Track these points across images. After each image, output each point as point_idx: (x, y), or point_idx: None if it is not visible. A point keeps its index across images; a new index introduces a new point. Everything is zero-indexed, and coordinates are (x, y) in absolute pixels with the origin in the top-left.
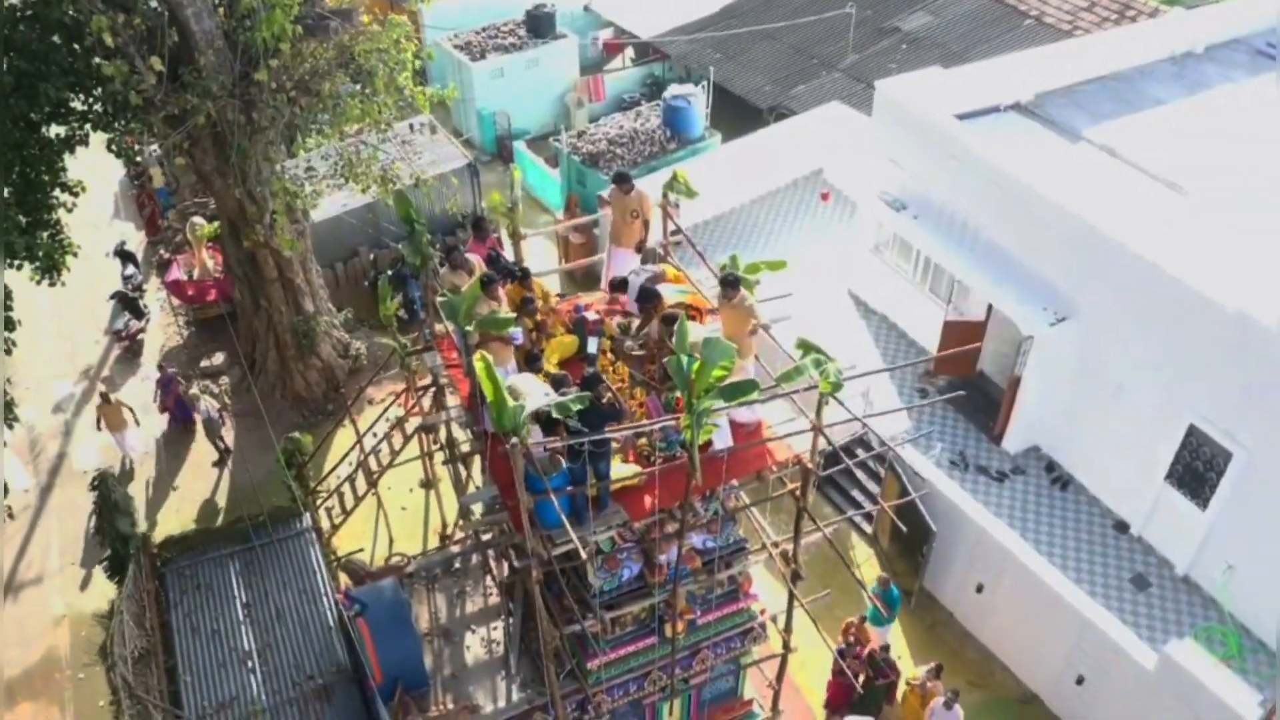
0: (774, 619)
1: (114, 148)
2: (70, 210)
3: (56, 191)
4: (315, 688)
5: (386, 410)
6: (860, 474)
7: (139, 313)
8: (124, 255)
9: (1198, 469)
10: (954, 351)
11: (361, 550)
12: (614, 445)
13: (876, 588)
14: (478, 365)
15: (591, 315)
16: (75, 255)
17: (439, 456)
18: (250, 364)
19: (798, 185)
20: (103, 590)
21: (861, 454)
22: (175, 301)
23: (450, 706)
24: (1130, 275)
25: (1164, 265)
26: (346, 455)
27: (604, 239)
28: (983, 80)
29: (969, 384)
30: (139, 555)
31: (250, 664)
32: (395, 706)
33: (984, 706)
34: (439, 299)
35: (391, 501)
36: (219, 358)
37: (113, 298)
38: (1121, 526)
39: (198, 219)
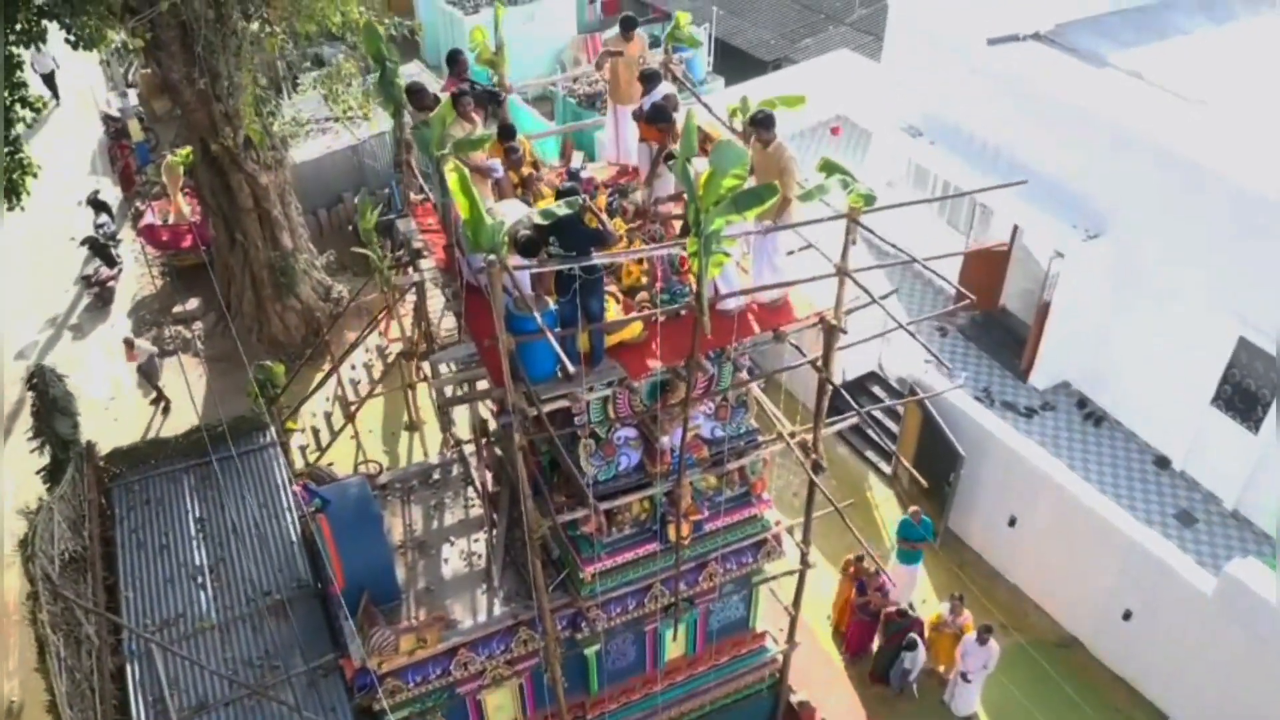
0: (790, 530)
1: (72, 36)
2: (30, 126)
3: (16, 107)
4: (272, 603)
5: (366, 333)
6: (877, 412)
7: (111, 260)
8: (97, 204)
9: (1248, 388)
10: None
11: (332, 465)
12: (606, 285)
13: (906, 520)
14: (451, 178)
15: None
16: (35, 176)
17: (424, 399)
18: (226, 306)
19: (805, 130)
20: None
21: (878, 391)
22: (150, 251)
23: (421, 619)
24: (1173, 179)
25: (1210, 162)
26: (323, 382)
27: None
28: (1001, 6)
29: (991, 319)
30: (81, 462)
31: (200, 579)
32: (360, 618)
33: (1018, 652)
34: (410, 129)
35: (373, 447)
36: (193, 303)
37: (83, 243)
38: (1162, 462)
39: (173, 159)
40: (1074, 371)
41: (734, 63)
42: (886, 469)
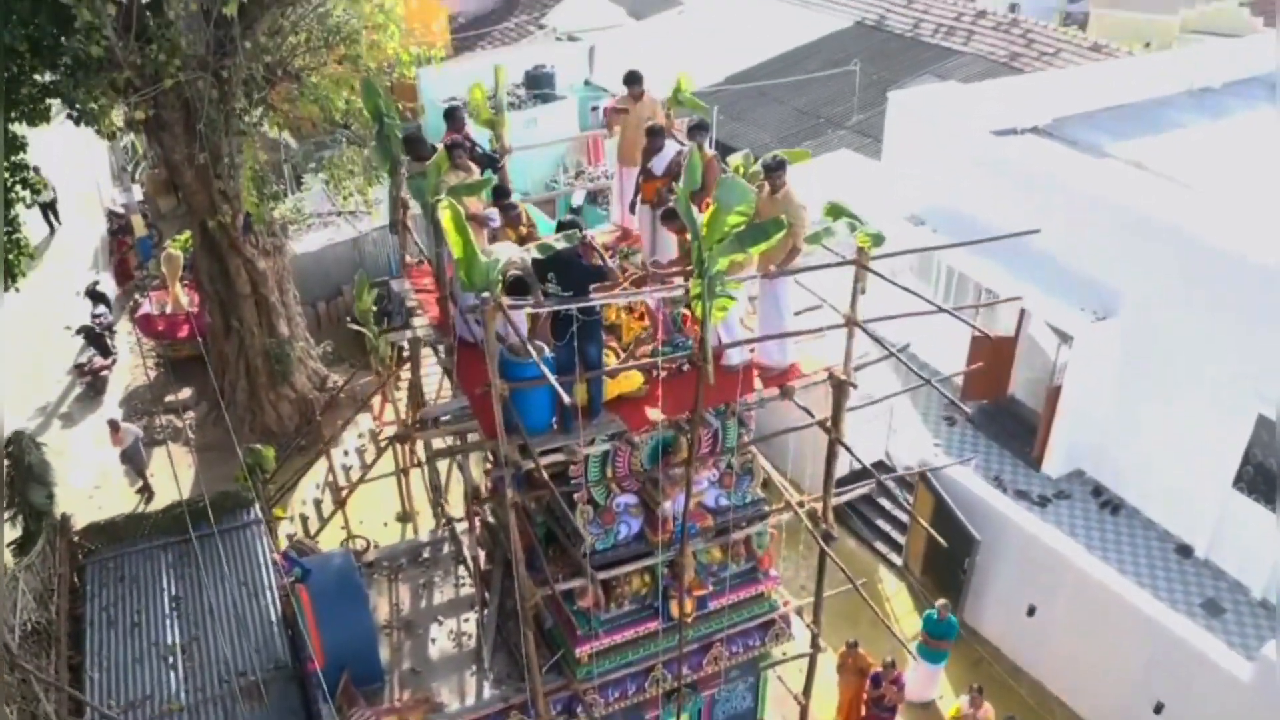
0: (799, 611)
1: (76, 110)
2: (29, 206)
3: (17, 188)
4: (246, 684)
5: (359, 409)
6: (886, 502)
7: (106, 350)
8: (95, 295)
9: (1271, 468)
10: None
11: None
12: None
13: (932, 614)
14: (445, 215)
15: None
16: (32, 257)
17: (417, 488)
18: (219, 394)
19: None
20: None
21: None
22: (145, 343)
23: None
24: (1182, 258)
25: (1221, 240)
26: (312, 464)
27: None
28: (998, 101)
29: (1000, 408)
30: (53, 534)
31: (171, 660)
32: (339, 699)
33: None
34: (407, 180)
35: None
36: (186, 393)
37: (78, 333)
38: (1185, 550)
39: (173, 250)
40: (1087, 459)
41: None
42: (897, 560)
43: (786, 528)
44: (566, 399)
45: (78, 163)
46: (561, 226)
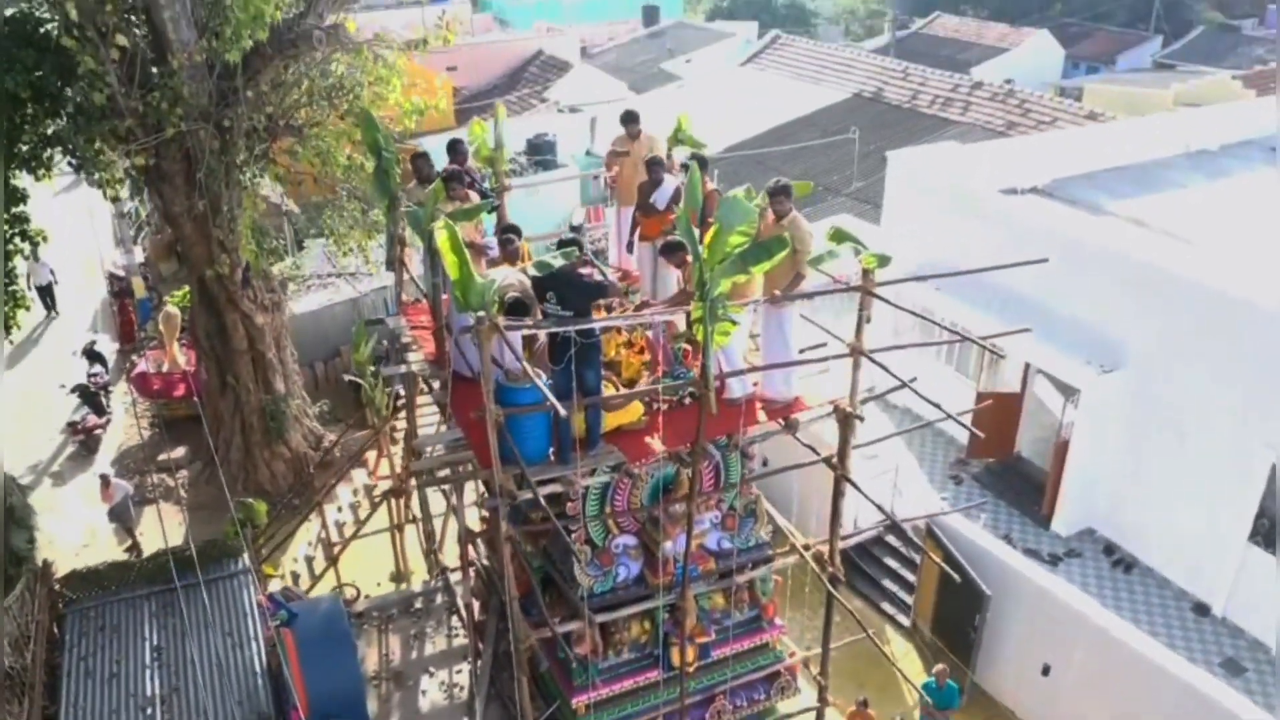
0: (805, 664)
1: (75, 158)
2: (27, 258)
3: (16, 240)
4: None
5: (353, 461)
6: (892, 561)
7: (100, 409)
8: (92, 355)
9: None
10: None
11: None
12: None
13: (931, 682)
14: (441, 236)
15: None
16: (27, 309)
17: (412, 546)
18: (214, 452)
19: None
20: None
21: (892, 540)
22: (140, 403)
23: None
24: (1189, 308)
25: (1227, 287)
26: (304, 522)
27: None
28: (997, 161)
29: (1008, 467)
30: (33, 580)
31: (150, 711)
32: None
33: None
34: (405, 211)
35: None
36: (179, 451)
37: (73, 391)
38: (1201, 608)
39: (171, 308)
40: (1098, 516)
41: None
42: (905, 621)
43: (792, 581)
44: (562, 411)
45: (80, 229)
46: (561, 244)
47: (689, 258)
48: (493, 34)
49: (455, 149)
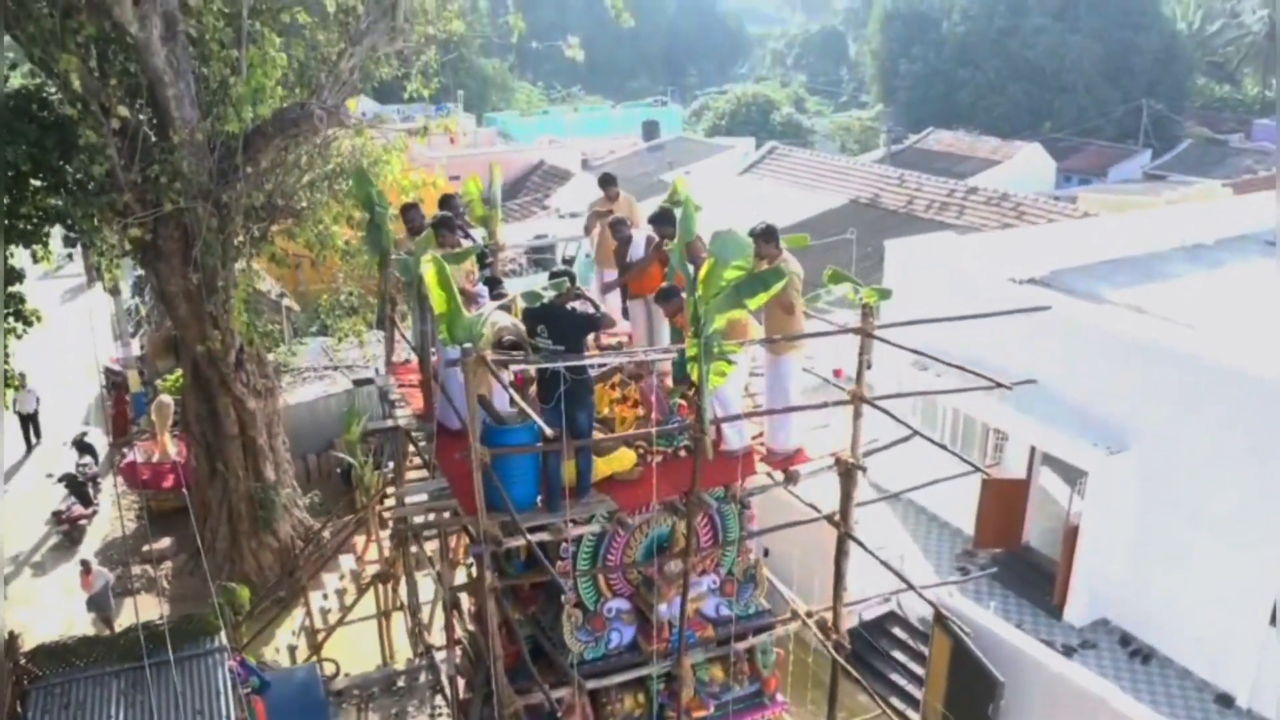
0: None
1: (74, 230)
2: (20, 338)
3: (9, 319)
4: None
5: (344, 540)
6: (900, 654)
7: (87, 500)
8: (82, 446)
9: None
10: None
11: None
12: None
13: None
14: (428, 270)
15: None
16: (17, 389)
17: (399, 636)
18: (199, 542)
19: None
20: None
21: (898, 632)
22: (128, 494)
23: None
24: (1195, 385)
25: (1230, 361)
26: (289, 610)
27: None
28: (996, 252)
29: (1016, 558)
30: None
31: None
32: None
33: None
34: (396, 259)
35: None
36: (165, 542)
37: (60, 480)
38: (1225, 700)
39: (164, 398)
40: (1112, 605)
41: None
42: (914, 716)
43: (794, 658)
44: (549, 430)
45: (78, 322)
46: (553, 275)
47: (684, 305)
48: (496, 146)
49: (448, 203)
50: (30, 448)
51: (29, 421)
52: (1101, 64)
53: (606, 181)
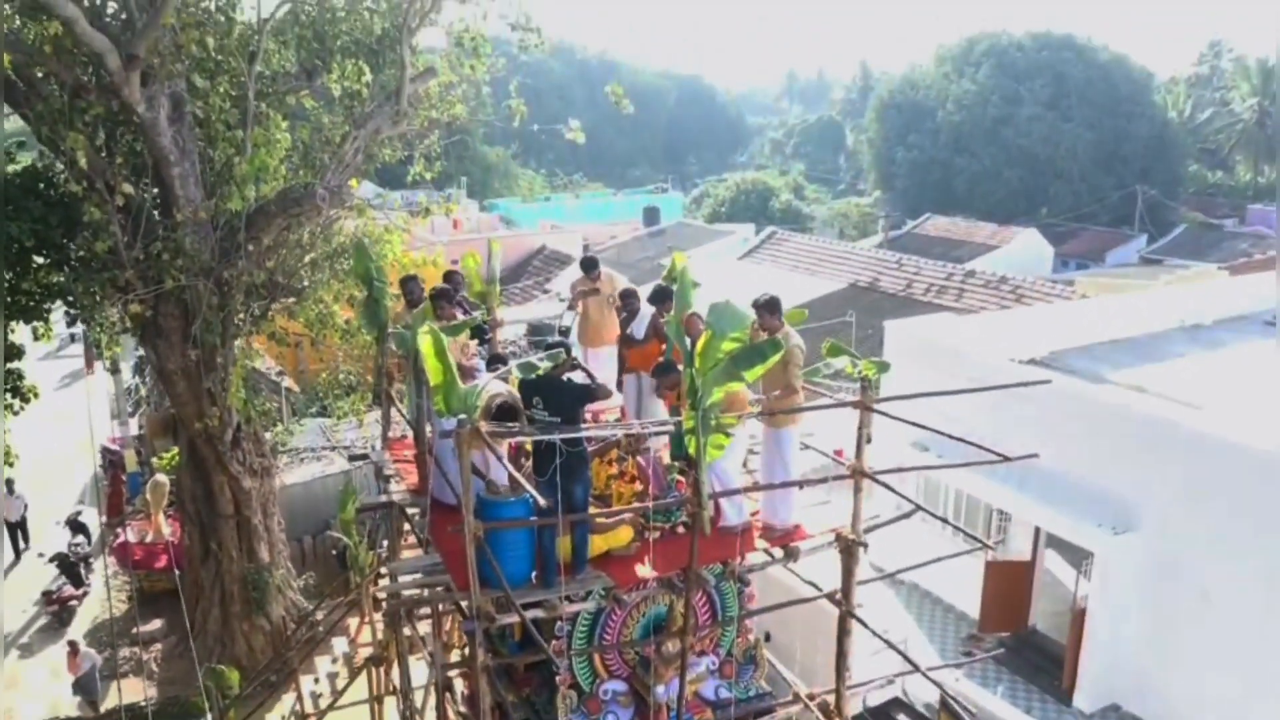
0: None
1: (75, 306)
2: (17, 414)
3: (7, 395)
4: None
5: (331, 630)
6: None
7: (78, 580)
8: (75, 525)
9: None
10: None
11: None
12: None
13: None
14: (424, 341)
15: None
16: (12, 465)
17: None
18: (190, 625)
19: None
20: None
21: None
22: (121, 574)
23: None
24: (1200, 459)
25: (1238, 437)
26: (279, 695)
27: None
28: (994, 332)
29: (1022, 641)
30: None
31: None
32: None
33: None
34: (393, 333)
35: None
36: (155, 624)
37: (52, 560)
38: None
39: (160, 476)
40: (1124, 690)
41: None
42: None
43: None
44: (542, 501)
45: (76, 407)
46: (549, 347)
47: (681, 381)
48: (499, 231)
49: (450, 277)
50: (19, 554)
51: (17, 529)
52: (1095, 151)
53: (589, 265)
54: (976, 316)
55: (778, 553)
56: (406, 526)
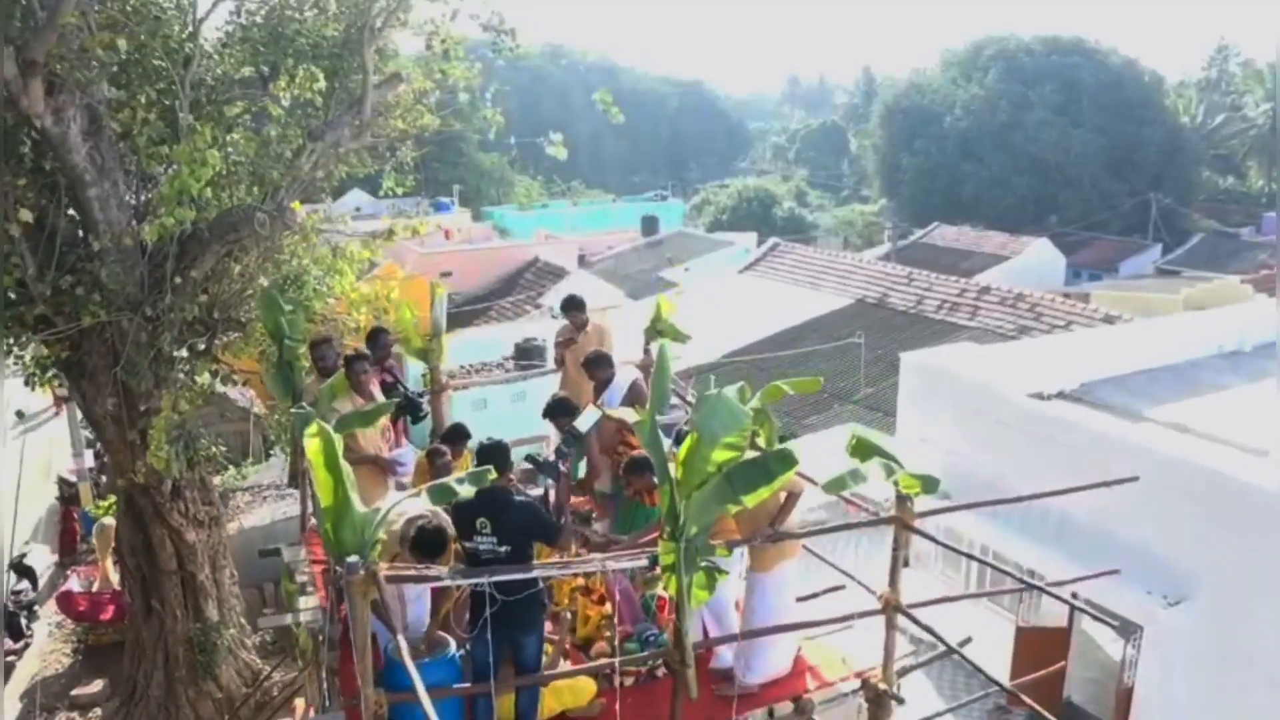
0: None
1: None
2: None
3: None
4: None
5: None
6: None
7: (18, 633)
8: (20, 569)
9: None
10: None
11: None
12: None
13: None
14: (311, 446)
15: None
16: None
17: None
18: (132, 690)
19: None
20: None
21: None
22: (67, 624)
23: None
24: (1270, 521)
25: None
26: None
27: None
28: (1020, 363)
29: (1056, 716)
30: None
31: None
32: None
33: None
34: (293, 413)
35: None
36: (97, 685)
37: None
38: None
39: (106, 520)
40: None
41: None
42: None
43: None
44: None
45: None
46: (483, 454)
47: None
48: (491, 241)
49: (374, 338)
50: None
51: None
52: (1106, 158)
53: (571, 306)
54: (998, 346)
55: (783, 709)
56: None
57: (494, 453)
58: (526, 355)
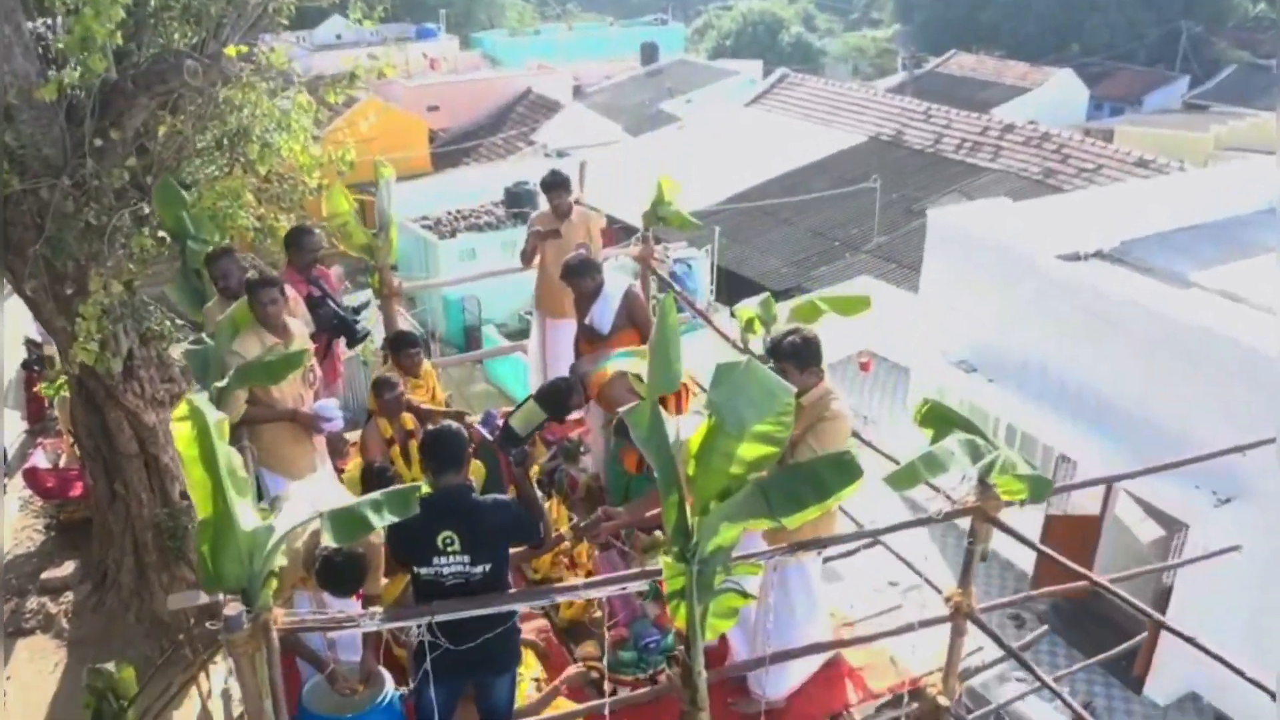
0: None
1: None
2: None
3: None
4: None
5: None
6: None
7: None
8: None
9: None
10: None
11: None
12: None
13: None
14: (181, 432)
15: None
16: None
17: None
18: (102, 575)
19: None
20: None
21: None
22: (32, 503)
23: None
24: None
25: None
26: (184, 691)
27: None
28: (1054, 221)
29: (1082, 607)
30: None
31: None
32: None
33: None
34: (184, 349)
35: None
36: (68, 567)
37: None
38: None
39: (66, 392)
40: (1205, 680)
41: (740, 291)
42: None
43: None
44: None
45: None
46: (543, 398)
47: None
48: (480, 72)
49: (297, 240)
50: None
51: None
52: None
53: (553, 184)
54: (1031, 203)
55: None
56: None
57: (555, 396)
58: (517, 201)
